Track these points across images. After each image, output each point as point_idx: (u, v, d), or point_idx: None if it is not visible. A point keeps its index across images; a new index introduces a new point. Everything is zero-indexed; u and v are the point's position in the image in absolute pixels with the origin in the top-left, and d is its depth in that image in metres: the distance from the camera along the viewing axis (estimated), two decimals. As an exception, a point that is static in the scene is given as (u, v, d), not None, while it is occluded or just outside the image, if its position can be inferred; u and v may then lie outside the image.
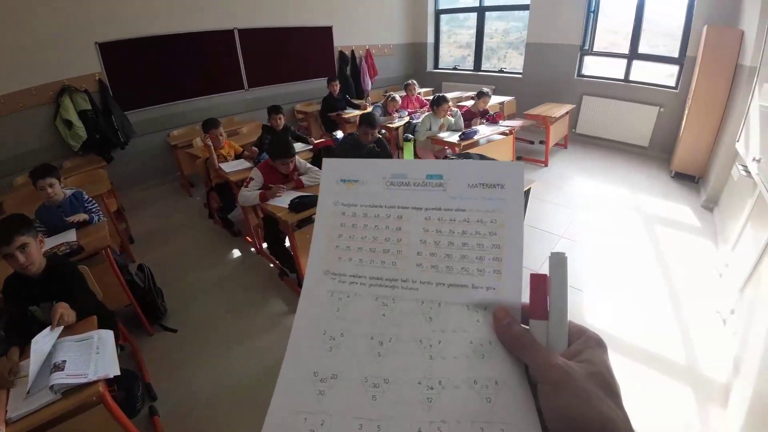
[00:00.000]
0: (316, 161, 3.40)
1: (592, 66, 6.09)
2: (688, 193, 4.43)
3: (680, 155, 4.65)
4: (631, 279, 3.02)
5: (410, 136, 2.84)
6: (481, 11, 7.18)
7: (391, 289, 0.38)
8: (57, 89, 4.23)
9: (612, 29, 5.83)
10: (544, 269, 0.34)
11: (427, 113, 4.54)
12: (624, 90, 5.68)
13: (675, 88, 5.26)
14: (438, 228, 0.39)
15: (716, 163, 4.02)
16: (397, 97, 5.29)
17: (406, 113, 5.30)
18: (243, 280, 3.19)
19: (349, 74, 6.89)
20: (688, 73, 4.95)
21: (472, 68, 7.65)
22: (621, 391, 0.31)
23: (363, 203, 0.41)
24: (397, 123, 4.95)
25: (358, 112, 5.46)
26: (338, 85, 5.62)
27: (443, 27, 7.97)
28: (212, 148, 3.65)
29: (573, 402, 0.29)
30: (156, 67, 4.94)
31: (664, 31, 5.38)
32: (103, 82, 4.53)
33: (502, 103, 5.92)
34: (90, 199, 2.79)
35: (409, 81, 5.88)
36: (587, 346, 0.33)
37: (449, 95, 5.82)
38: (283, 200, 2.61)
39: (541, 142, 5.65)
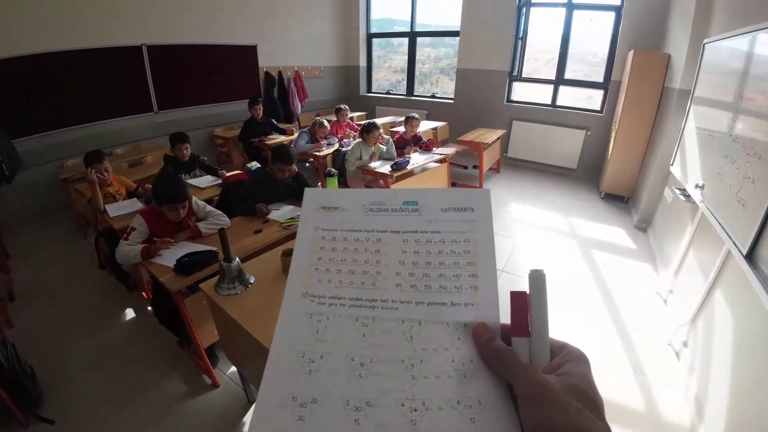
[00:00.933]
0: (225, 197, 2.87)
1: (521, 91, 6.18)
2: (620, 214, 4.48)
3: (609, 176, 4.72)
4: (577, 312, 2.84)
5: (333, 170, 2.44)
6: (412, 37, 7.16)
7: (371, 310, 0.37)
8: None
9: (539, 56, 5.97)
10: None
11: (357, 141, 4.22)
12: (551, 114, 5.79)
13: (600, 111, 5.44)
14: (415, 249, 0.40)
15: (646, 184, 4.07)
16: (325, 122, 4.86)
17: (336, 140, 4.91)
18: (136, 350, 2.54)
19: (276, 96, 6.44)
20: (613, 97, 5.12)
21: (405, 93, 7.56)
22: (602, 403, 0.31)
23: (343, 228, 0.42)
24: (326, 151, 4.57)
25: (283, 138, 5.01)
26: (261, 109, 5.10)
27: (379, 52, 7.90)
28: (97, 186, 2.98)
29: (550, 414, 0.29)
30: (50, 88, 4.20)
31: (589, 57, 5.59)
32: (-14, 106, 3.73)
33: (435, 129, 5.79)
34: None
35: (341, 106, 5.51)
36: (567, 360, 0.33)
37: (382, 120, 5.57)
38: (170, 258, 2.00)
39: (474, 167, 5.55)
